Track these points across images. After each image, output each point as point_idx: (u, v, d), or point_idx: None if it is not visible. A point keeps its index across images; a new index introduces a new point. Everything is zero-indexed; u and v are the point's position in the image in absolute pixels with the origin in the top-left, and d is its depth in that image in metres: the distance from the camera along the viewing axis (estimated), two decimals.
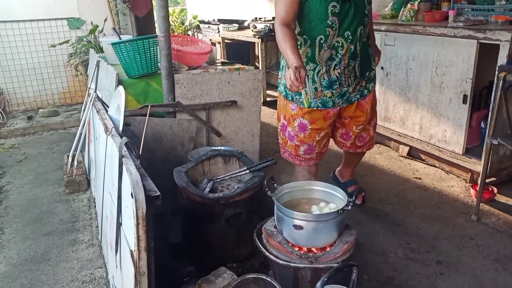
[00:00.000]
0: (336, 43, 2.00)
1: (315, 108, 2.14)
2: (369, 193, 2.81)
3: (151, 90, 2.64)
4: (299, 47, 1.99)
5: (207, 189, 2.12)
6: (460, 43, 2.76)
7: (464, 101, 2.82)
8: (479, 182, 2.50)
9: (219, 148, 2.48)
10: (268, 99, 5.19)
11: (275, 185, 1.86)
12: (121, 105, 1.89)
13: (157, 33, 2.51)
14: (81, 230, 2.58)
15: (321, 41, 2.00)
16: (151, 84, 2.63)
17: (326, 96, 2.11)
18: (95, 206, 2.75)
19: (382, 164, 3.30)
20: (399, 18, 3.41)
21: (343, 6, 1.94)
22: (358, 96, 2.19)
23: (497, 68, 2.51)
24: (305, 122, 2.19)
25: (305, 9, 1.96)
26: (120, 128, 1.91)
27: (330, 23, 1.95)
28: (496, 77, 2.45)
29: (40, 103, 5.20)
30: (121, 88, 2.09)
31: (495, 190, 2.72)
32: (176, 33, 7.82)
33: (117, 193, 1.51)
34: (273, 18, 5.37)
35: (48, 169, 3.52)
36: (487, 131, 2.48)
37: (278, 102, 2.37)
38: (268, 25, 5.05)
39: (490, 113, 2.53)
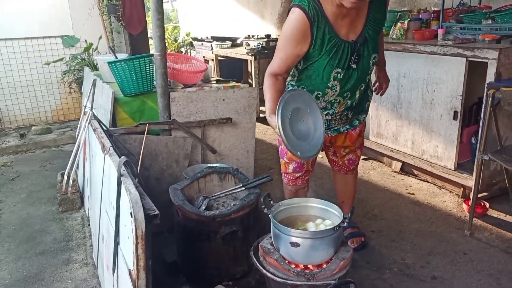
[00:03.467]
0: (334, 100, 1.98)
1: None
2: (363, 209, 2.83)
3: (146, 108, 2.66)
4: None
5: (203, 207, 2.12)
6: (449, 61, 2.83)
7: (455, 117, 2.88)
8: (471, 197, 2.54)
9: (214, 165, 2.49)
10: (261, 115, 5.22)
11: (272, 202, 1.87)
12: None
13: (151, 51, 2.54)
14: (75, 249, 2.55)
15: (318, 95, 1.96)
16: (147, 102, 2.66)
17: None
18: (89, 225, 2.73)
19: (375, 180, 3.33)
20: (389, 36, 3.48)
21: (347, 72, 1.88)
22: (348, 127, 2.16)
23: (486, 85, 2.58)
24: None
25: (309, 68, 1.90)
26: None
27: (330, 85, 1.91)
28: (485, 95, 2.52)
29: (33, 120, 5.19)
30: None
31: (487, 205, 2.75)
32: (169, 50, 7.89)
33: (115, 212, 1.51)
34: (266, 35, 5.49)
35: (41, 187, 3.49)
36: (477, 147, 2.53)
37: None
38: (261, 42, 5.12)
39: (480, 130, 2.58)
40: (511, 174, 2.66)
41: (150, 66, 2.63)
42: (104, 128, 2.31)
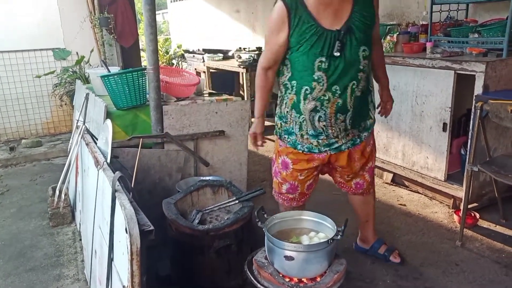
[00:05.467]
0: (322, 97, 1.91)
1: (300, 152, 2.05)
2: (356, 221, 2.84)
3: (139, 122, 2.66)
4: (287, 92, 1.98)
5: (196, 221, 2.12)
6: (438, 74, 2.88)
7: (444, 129, 2.92)
8: (461, 207, 2.57)
9: (207, 178, 2.50)
10: None
11: (265, 215, 1.87)
12: (109, 139, 1.91)
13: (143, 63, 2.56)
14: (66, 264, 2.52)
15: (307, 92, 1.91)
16: (140, 115, 2.66)
17: (312, 144, 2.02)
18: (80, 240, 2.70)
19: None
20: None
21: (333, 62, 1.86)
22: (349, 145, 2.06)
23: (474, 97, 2.63)
24: (287, 161, 2.10)
25: (291, 59, 1.91)
26: (108, 160, 1.91)
27: (316, 77, 1.88)
28: (473, 107, 2.57)
29: (23, 133, 5.14)
30: (108, 121, 2.11)
31: (477, 215, 2.79)
32: (160, 62, 7.91)
33: (109, 228, 1.50)
34: (257, 48, 5.54)
35: (31, 201, 3.45)
36: (467, 158, 2.57)
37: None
38: (253, 55, 5.17)
39: (469, 141, 2.63)
40: (500, 184, 2.70)
41: (143, 80, 2.64)
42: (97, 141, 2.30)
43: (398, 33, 3.44)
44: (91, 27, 5.10)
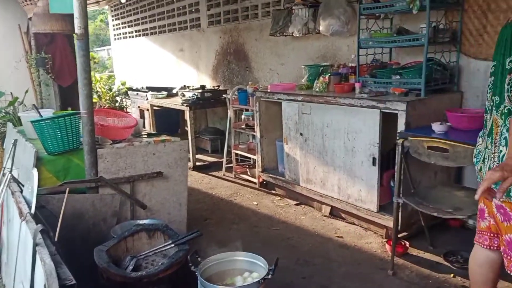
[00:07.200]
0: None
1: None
2: (295, 255, 2.91)
3: (72, 166, 2.60)
4: None
5: (130, 267, 2.08)
6: (366, 112, 3.09)
7: (374, 163, 3.11)
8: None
9: (143, 222, 2.47)
10: (197, 163, 5.26)
11: (199, 259, 1.88)
12: (34, 188, 1.85)
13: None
14: None
15: None
16: (73, 160, 2.60)
17: None
18: None
19: (306, 225, 3.45)
20: (313, 89, 3.74)
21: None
22: None
23: (397, 134, 2.84)
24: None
25: None
26: (32, 211, 1.85)
27: None
28: (396, 143, 2.77)
29: None
30: (34, 170, 2.05)
31: (407, 244, 2.95)
32: (103, 99, 7.80)
33: (29, 284, 1.44)
34: (201, 86, 5.64)
35: None
36: (394, 190, 2.74)
37: None
38: (196, 93, 5.24)
39: (395, 175, 2.81)
40: (426, 214, 2.88)
41: (77, 123, 2.61)
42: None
43: (330, 74, 3.66)
44: (27, 67, 4.96)
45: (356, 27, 3.45)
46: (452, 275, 2.61)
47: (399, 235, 2.98)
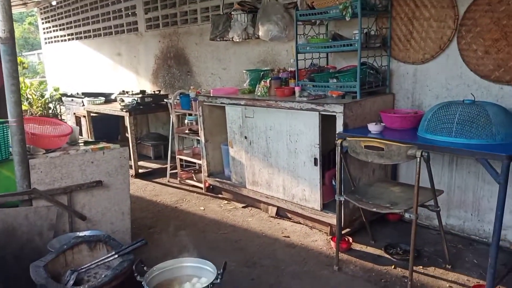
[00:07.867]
0: None
1: None
2: (243, 257, 2.92)
3: (1, 178, 2.41)
4: None
5: (71, 282, 1.97)
6: (306, 115, 3.18)
7: (315, 164, 3.21)
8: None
9: (83, 233, 2.35)
10: (140, 170, 5.11)
11: (145, 268, 1.83)
12: None
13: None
14: None
15: None
16: (2, 171, 2.42)
17: None
18: None
19: (254, 227, 3.48)
20: (255, 93, 3.79)
21: None
22: None
23: (336, 135, 2.96)
24: None
25: None
26: None
27: None
28: (335, 144, 2.88)
29: None
30: None
31: (351, 239, 3.08)
32: (35, 107, 7.33)
33: None
34: (141, 91, 5.49)
35: None
36: (336, 189, 2.84)
37: None
38: (136, 98, 5.09)
39: (337, 174, 2.92)
40: (366, 210, 3.03)
41: (5, 133, 2.43)
42: None
43: (270, 78, 3.73)
44: None
45: (294, 33, 3.55)
46: (393, 266, 2.76)
47: (343, 232, 3.11)
